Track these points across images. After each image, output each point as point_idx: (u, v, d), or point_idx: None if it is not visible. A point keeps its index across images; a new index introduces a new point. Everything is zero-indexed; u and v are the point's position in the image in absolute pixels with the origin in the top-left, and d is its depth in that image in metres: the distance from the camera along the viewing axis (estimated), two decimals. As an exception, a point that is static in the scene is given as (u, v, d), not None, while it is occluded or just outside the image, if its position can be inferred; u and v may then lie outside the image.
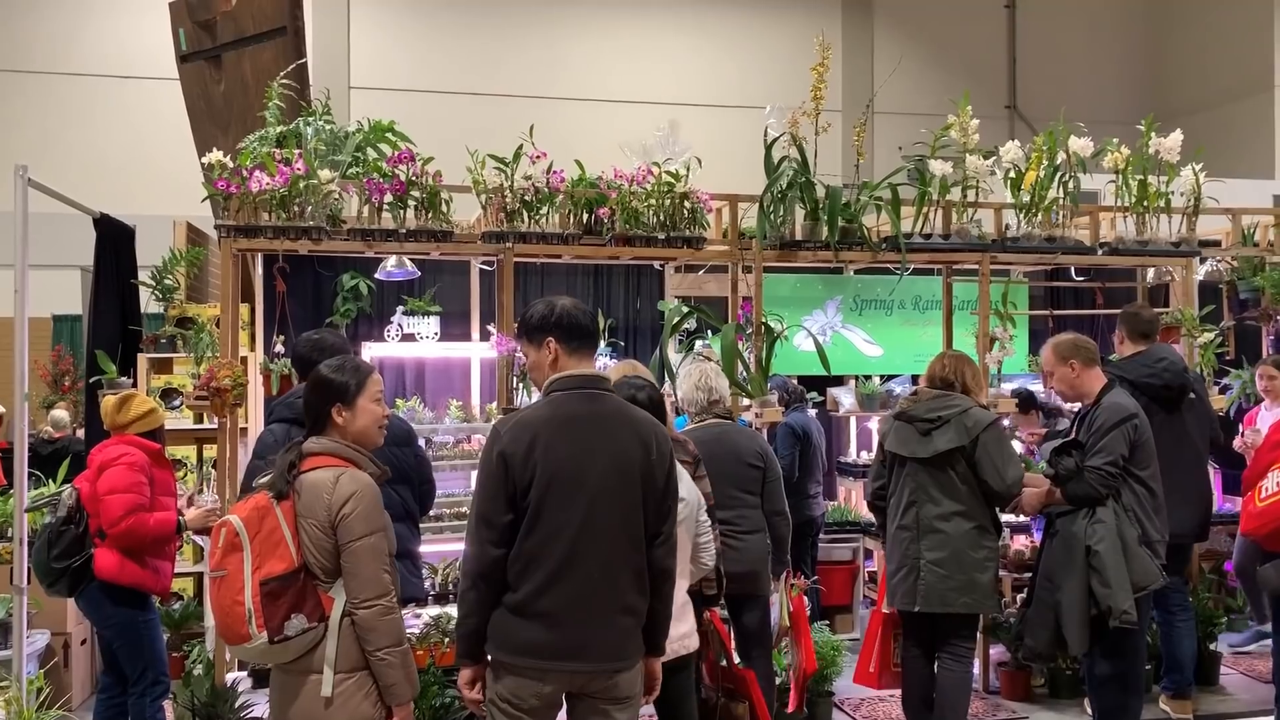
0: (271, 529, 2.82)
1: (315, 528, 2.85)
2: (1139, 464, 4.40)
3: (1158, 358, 5.03)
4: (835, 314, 6.87)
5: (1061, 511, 4.43)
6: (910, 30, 12.71)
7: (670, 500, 3.02)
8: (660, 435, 3.03)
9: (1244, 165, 11.23)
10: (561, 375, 2.97)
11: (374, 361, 5.19)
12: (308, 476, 2.90)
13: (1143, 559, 4.32)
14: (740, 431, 4.69)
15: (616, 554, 2.88)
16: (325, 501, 2.85)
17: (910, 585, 4.36)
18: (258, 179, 4.85)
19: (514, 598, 2.85)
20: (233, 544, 2.81)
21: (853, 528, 6.74)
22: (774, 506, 4.58)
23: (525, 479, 2.83)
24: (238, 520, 2.84)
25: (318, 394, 3.01)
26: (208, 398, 4.87)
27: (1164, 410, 4.95)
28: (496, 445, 2.88)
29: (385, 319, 6.26)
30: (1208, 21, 12.51)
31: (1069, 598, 4.30)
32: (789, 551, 4.67)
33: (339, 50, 11.32)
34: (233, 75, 6.50)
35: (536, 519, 2.83)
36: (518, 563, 2.85)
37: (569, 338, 2.98)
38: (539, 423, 2.89)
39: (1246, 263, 6.53)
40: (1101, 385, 4.52)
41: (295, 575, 2.81)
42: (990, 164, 5.62)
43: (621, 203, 5.32)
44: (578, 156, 5.51)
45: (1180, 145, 5.76)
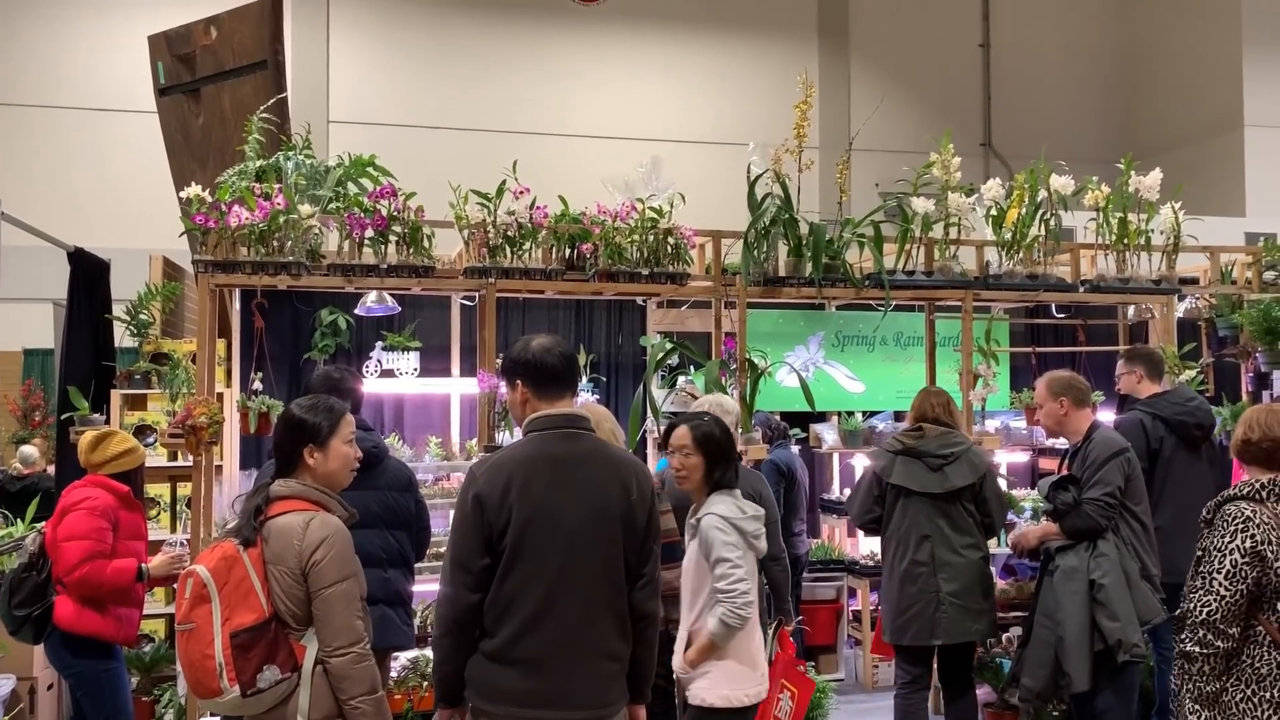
0: (240, 578, 2.73)
1: (286, 575, 2.77)
2: (1132, 498, 4.39)
3: (1188, 397, 5.11)
4: (818, 350, 6.85)
5: (1060, 546, 4.39)
6: (886, 68, 12.84)
7: (652, 541, 2.95)
8: (641, 474, 2.96)
9: (1216, 203, 11.37)
10: (539, 415, 2.91)
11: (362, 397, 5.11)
12: (276, 522, 2.81)
13: (1145, 593, 4.30)
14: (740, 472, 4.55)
15: (597, 597, 2.81)
16: (296, 548, 2.77)
17: (929, 619, 4.48)
18: (236, 214, 4.79)
19: (491, 644, 2.77)
20: (200, 595, 2.70)
21: (836, 566, 6.69)
22: (771, 551, 4.46)
23: (501, 522, 2.76)
24: (205, 571, 2.73)
25: (290, 434, 2.93)
26: (183, 435, 4.78)
27: (1188, 449, 4.98)
28: (472, 488, 2.81)
29: (364, 354, 6.19)
30: (1178, 61, 12.71)
31: (1073, 633, 4.24)
32: (785, 597, 4.46)
33: (318, 84, 11.29)
34: (212, 109, 6.44)
35: (513, 563, 2.76)
36: (495, 608, 2.77)
37: (536, 380, 2.92)
38: (514, 464, 2.83)
39: (1225, 300, 6.58)
40: (1089, 425, 4.52)
41: (266, 625, 2.72)
42: (972, 201, 5.65)
43: (605, 238, 5.30)
44: (561, 192, 5.49)
45: (1159, 183, 5.82)
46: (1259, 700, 2.97)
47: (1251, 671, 2.99)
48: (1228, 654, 3.00)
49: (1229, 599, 2.98)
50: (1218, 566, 3.00)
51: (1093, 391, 4.77)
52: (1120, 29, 13.50)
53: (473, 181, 5.21)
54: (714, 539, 3.52)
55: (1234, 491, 3.15)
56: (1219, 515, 3.12)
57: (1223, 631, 2.98)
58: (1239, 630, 3.00)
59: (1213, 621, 2.98)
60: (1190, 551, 4.70)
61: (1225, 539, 3.02)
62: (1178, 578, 4.81)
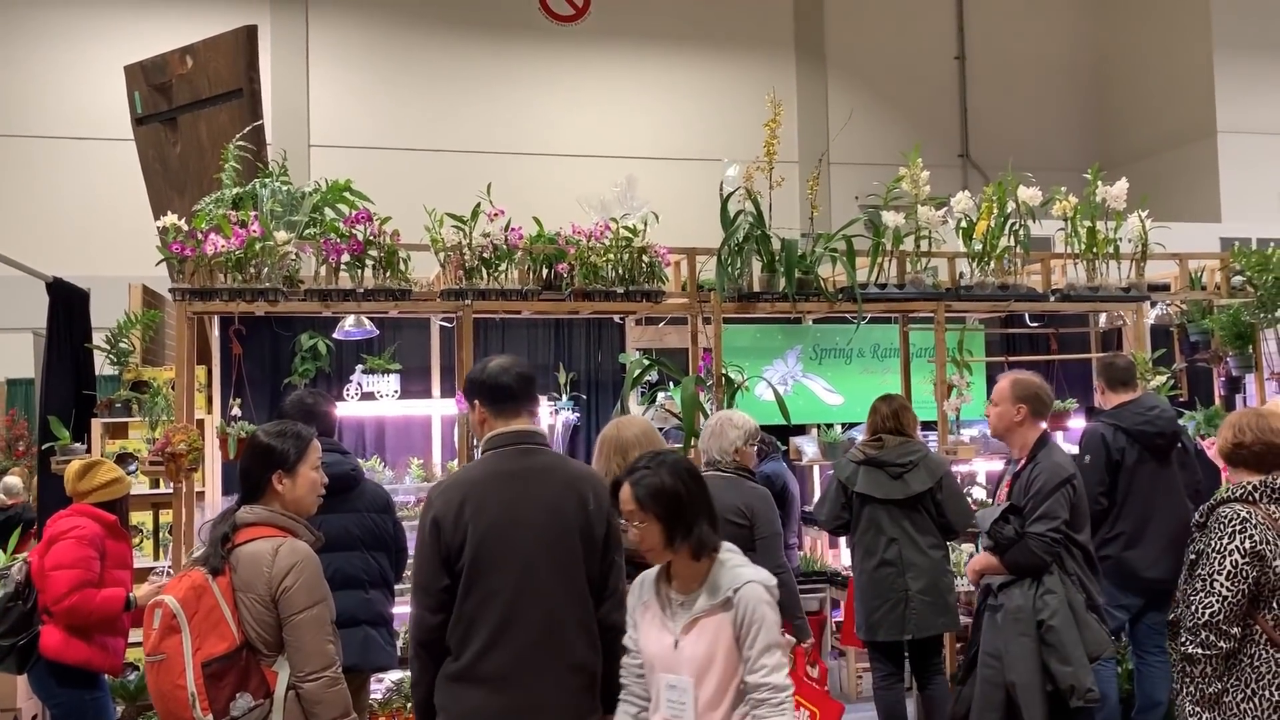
0: (210, 607, 2.75)
1: (256, 602, 2.79)
2: (1076, 528, 4.21)
3: (1150, 405, 5.08)
4: (796, 363, 6.92)
5: (1004, 583, 4.20)
6: (864, 83, 12.96)
7: (613, 553, 2.96)
8: (598, 487, 2.97)
9: (1191, 209, 11.49)
10: (495, 434, 2.95)
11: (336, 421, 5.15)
12: (244, 549, 2.84)
13: (1093, 627, 4.14)
14: (728, 487, 4.44)
15: (559, 610, 2.82)
16: (265, 575, 2.79)
17: (899, 616, 4.67)
18: (213, 241, 4.83)
19: (457, 664, 2.79)
20: (170, 626, 2.72)
21: (819, 577, 6.72)
22: (767, 567, 4.42)
23: (457, 542, 2.79)
24: (173, 601, 2.74)
25: (258, 460, 2.96)
26: (163, 463, 4.81)
27: (1155, 458, 5.00)
28: (429, 511, 2.85)
29: (344, 378, 6.22)
30: (1151, 70, 12.86)
31: (1024, 677, 4.05)
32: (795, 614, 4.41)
33: (299, 109, 11.35)
34: (189, 137, 6.49)
35: (472, 582, 2.78)
36: (458, 628, 2.79)
37: (491, 400, 2.96)
38: (469, 484, 2.87)
39: (1195, 306, 6.65)
40: (1037, 439, 4.32)
41: (238, 654, 2.75)
42: (942, 214, 5.73)
43: (580, 258, 5.36)
44: (543, 211, 5.55)
45: (1126, 192, 5.90)
46: (1259, 700, 3.02)
47: (1251, 671, 3.04)
48: (1228, 655, 3.05)
49: (1231, 599, 3.02)
50: (1218, 568, 3.04)
51: (1054, 404, 4.69)
52: (1094, 39, 13.66)
53: (455, 202, 5.25)
54: (762, 617, 2.65)
55: (1226, 494, 3.19)
56: (1213, 518, 3.16)
57: (1225, 632, 3.02)
58: (1240, 630, 3.05)
59: (1215, 623, 3.02)
60: (1153, 557, 4.80)
61: (1224, 540, 3.06)
62: (1138, 582, 4.92)
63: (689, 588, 2.73)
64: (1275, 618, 3.05)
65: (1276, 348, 6.47)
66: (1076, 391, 6.90)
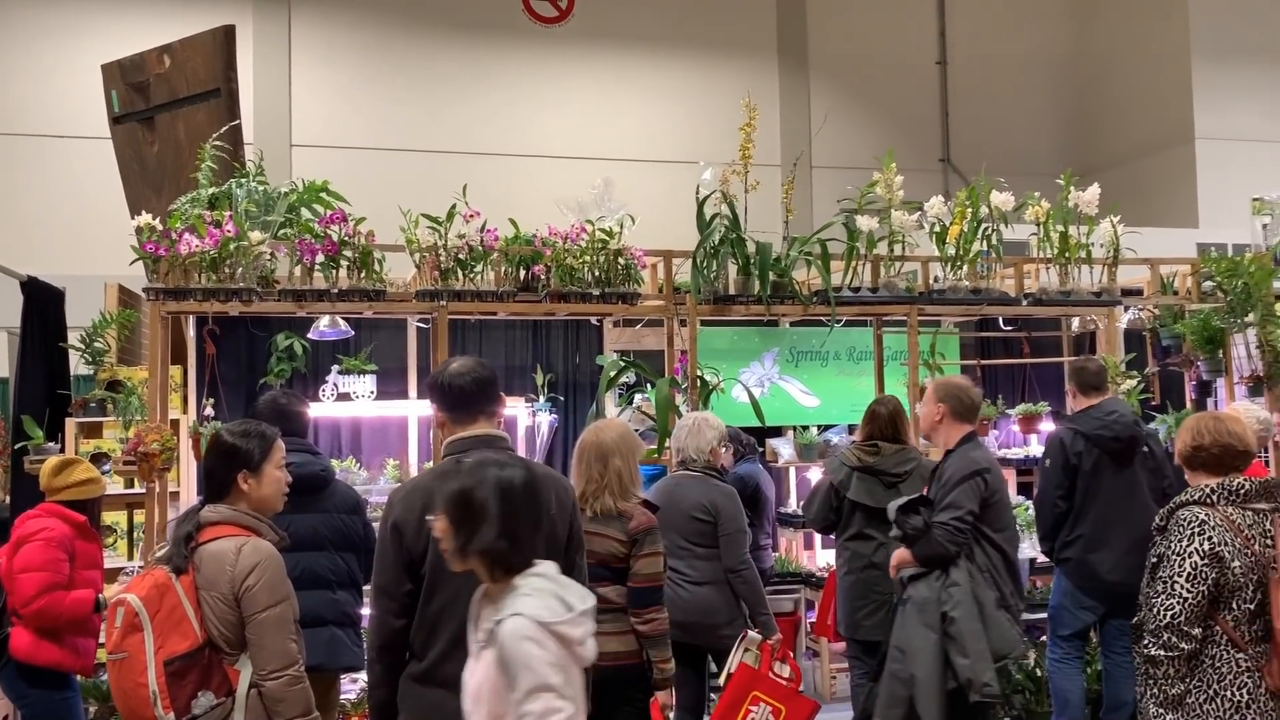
0: (172, 606, 2.76)
1: (219, 601, 2.80)
2: (992, 524, 4.19)
3: (1108, 410, 5.11)
4: (772, 366, 6.95)
5: (913, 575, 4.22)
6: (846, 87, 13.01)
7: (575, 553, 2.99)
8: (561, 488, 3.00)
9: (1169, 215, 11.58)
10: (456, 438, 2.96)
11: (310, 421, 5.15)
12: (208, 548, 2.85)
13: (1001, 625, 4.09)
14: (695, 485, 4.61)
15: None
16: (228, 573, 2.80)
17: (883, 618, 4.59)
18: (187, 241, 4.84)
19: (420, 666, 2.80)
20: (132, 624, 2.74)
21: (794, 579, 6.76)
22: (728, 563, 4.50)
23: (419, 547, 2.79)
24: (136, 599, 2.76)
25: (223, 460, 2.97)
26: (135, 462, 4.80)
27: (1115, 462, 5.04)
28: (390, 516, 2.85)
29: (320, 378, 6.22)
30: (1131, 76, 12.94)
31: (923, 671, 4.04)
32: (759, 610, 4.54)
33: (281, 109, 11.32)
34: (166, 137, 6.48)
35: (436, 585, 2.79)
36: (421, 630, 2.80)
37: (446, 405, 2.98)
38: (429, 487, 2.86)
39: (1167, 311, 6.72)
40: (959, 439, 4.35)
41: (200, 652, 2.76)
42: (916, 218, 5.77)
43: (556, 260, 5.38)
44: (523, 212, 5.57)
45: (1098, 198, 5.96)
46: (1221, 700, 3.06)
47: (1213, 672, 3.08)
48: (1190, 655, 3.08)
49: (1191, 601, 3.05)
50: (1178, 570, 3.08)
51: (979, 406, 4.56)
52: (1074, 45, 13.74)
53: (438, 203, 5.25)
54: (524, 656, 2.29)
55: (1185, 498, 3.23)
56: (1173, 521, 3.20)
57: (1186, 633, 3.06)
58: (1200, 631, 3.08)
59: (1176, 624, 3.05)
60: (1114, 560, 4.85)
61: (1183, 543, 3.10)
62: (1098, 584, 4.97)
63: (489, 610, 2.45)
64: (1235, 618, 3.09)
65: (1246, 352, 6.53)
66: (1049, 395, 6.97)
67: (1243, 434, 3.30)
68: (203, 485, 3.04)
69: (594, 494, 3.76)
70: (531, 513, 2.51)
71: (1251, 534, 3.12)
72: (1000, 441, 7.31)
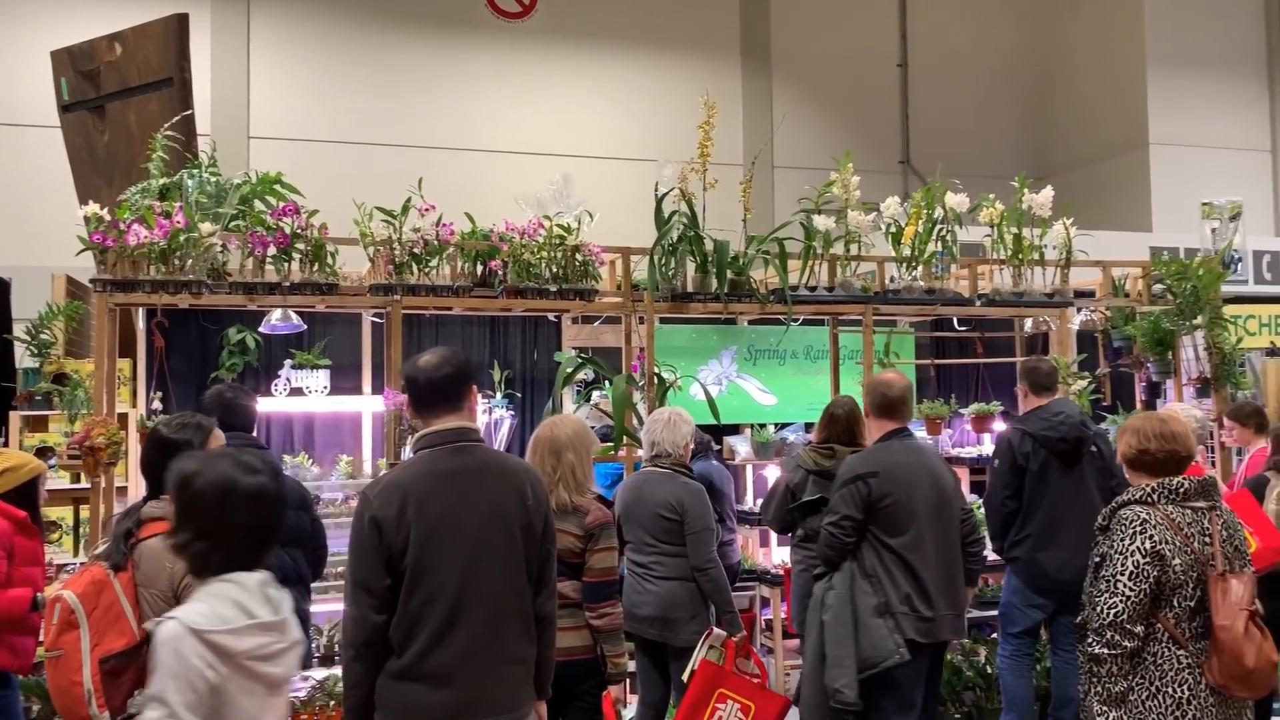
0: (110, 603, 2.72)
1: (158, 597, 2.76)
2: (886, 529, 4.14)
3: (1055, 411, 5.15)
4: (730, 364, 6.97)
5: (817, 574, 4.32)
6: (808, 88, 13.07)
7: (550, 545, 3.02)
8: (535, 481, 3.02)
9: (1124, 218, 11.75)
10: (428, 431, 2.95)
11: (261, 416, 5.10)
12: (147, 544, 2.80)
13: (873, 632, 4.06)
14: (663, 482, 4.60)
15: (502, 606, 2.86)
16: (168, 569, 2.76)
17: None
18: (135, 232, 4.76)
19: (399, 663, 2.79)
20: (68, 621, 2.69)
21: (749, 576, 6.77)
22: (694, 561, 4.49)
23: (400, 542, 2.79)
24: (72, 596, 2.71)
25: (160, 455, 2.91)
26: (80, 456, 4.72)
27: (1062, 462, 5.08)
28: (367, 511, 2.83)
29: (273, 373, 6.15)
30: (1088, 82, 13.12)
31: (808, 669, 4.21)
32: (725, 607, 4.54)
33: (239, 100, 11.17)
34: (117, 126, 6.37)
35: (417, 580, 2.79)
36: (401, 626, 2.80)
37: (417, 397, 2.97)
38: (408, 482, 2.85)
39: (1118, 312, 6.80)
40: (878, 439, 4.34)
41: (137, 650, 2.71)
42: (872, 218, 5.81)
43: (513, 255, 5.35)
44: (484, 206, 5.54)
45: (1051, 200, 6.03)
46: (1164, 697, 3.09)
47: (1155, 669, 3.11)
48: (1133, 654, 3.11)
49: (1134, 599, 3.08)
50: (1120, 569, 3.11)
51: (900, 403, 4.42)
52: (1033, 51, 13.90)
53: (397, 197, 5.21)
54: (158, 662, 2.15)
55: (1127, 497, 3.27)
56: (1115, 520, 3.23)
57: (1129, 631, 3.08)
58: (1143, 629, 3.11)
59: (1119, 622, 3.08)
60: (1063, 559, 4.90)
61: (1125, 542, 3.13)
62: (1048, 583, 5.03)
63: None
64: (1175, 615, 3.13)
65: (1195, 354, 6.64)
66: (1002, 395, 7.04)
67: (1186, 439, 3.34)
68: (145, 479, 2.98)
69: (548, 488, 3.75)
70: (250, 519, 2.31)
71: (1191, 532, 3.17)
72: (953, 441, 7.38)
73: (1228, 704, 3.13)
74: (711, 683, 4.29)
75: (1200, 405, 6.50)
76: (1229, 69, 12.61)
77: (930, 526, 4.19)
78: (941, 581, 4.18)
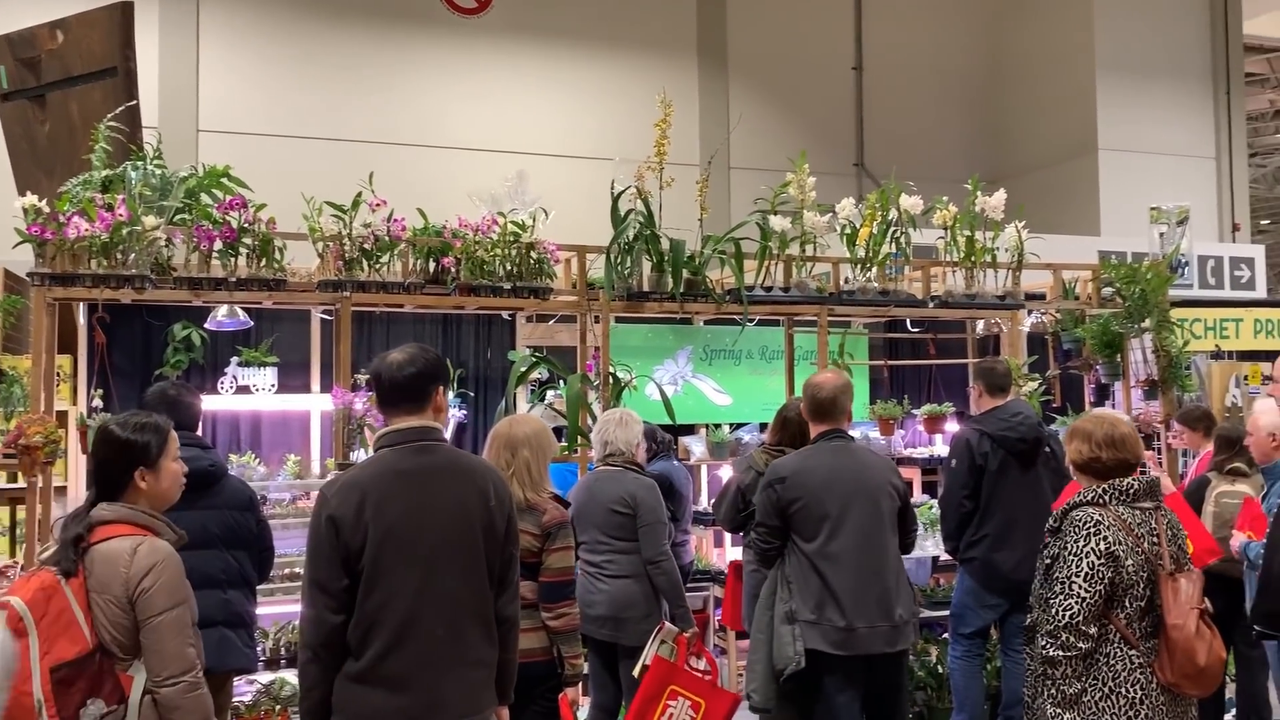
0: (60, 609, 2.60)
1: (112, 604, 2.66)
2: (803, 535, 4.05)
3: (1014, 412, 5.19)
4: (686, 364, 6.96)
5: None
6: (765, 89, 13.10)
7: (512, 547, 2.98)
8: (498, 481, 2.98)
9: (1073, 222, 11.92)
10: (389, 430, 2.90)
11: (207, 415, 4.98)
12: (100, 548, 2.70)
13: (781, 637, 4.03)
14: (614, 478, 4.60)
15: (462, 608, 2.81)
16: (123, 575, 2.66)
17: None
18: (76, 225, 4.63)
19: (357, 665, 2.74)
20: (16, 629, 2.56)
21: (703, 576, 6.76)
22: (647, 554, 4.50)
23: (358, 541, 2.73)
24: (20, 603, 2.58)
25: (117, 457, 2.81)
26: (16, 455, 4.57)
27: (1019, 463, 5.12)
28: (325, 509, 2.78)
29: (219, 370, 6.02)
30: (1038, 88, 13.31)
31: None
32: (677, 603, 4.54)
33: (187, 92, 10.95)
34: (59, 116, 6.19)
35: (374, 581, 2.74)
36: (359, 628, 2.74)
37: (383, 397, 2.93)
38: (367, 481, 2.80)
39: (1068, 315, 6.89)
40: (814, 438, 4.25)
41: (90, 658, 2.61)
42: (827, 220, 5.82)
43: (466, 252, 5.28)
44: (438, 203, 5.46)
45: (1004, 204, 6.08)
46: (1117, 697, 3.09)
47: (1108, 670, 3.11)
48: (1086, 654, 3.11)
49: (1089, 600, 3.08)
50: (1075, 570, 3.10)
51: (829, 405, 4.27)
52: (986, 56, 14.06)
53: (348, 192, 5.11)
54: None
55: (1079, 499, 3.27)
56: (1067, 522, 3.23)
57: (1084, 633, 3.08)
58: (1096, 630, 3.11)
59: (1075, 624, 3.07)
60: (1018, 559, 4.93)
61: (1080, 543, 3.12)
62: (1003, 583, 5.06)
63: None
64: (1127, 616, 3.14)
65: (1143, 357, 6.74)
66: (954, 395, 7.10)
67: (1136, 444, 3.36)
68: (92, 482, 2.87)
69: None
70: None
71: (1141, 532, 3.19)
72: (905, 441, 7.43)
73: (1177, 702, 3.16)
74: (664, 679, 4.29)
75: (1149, 407, 6.60)
76: (1176, 77, 12.86)
77: (851, 532, 4.02)
78: (861, 589, 3.98)
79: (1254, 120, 17.24)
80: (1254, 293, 10.61)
